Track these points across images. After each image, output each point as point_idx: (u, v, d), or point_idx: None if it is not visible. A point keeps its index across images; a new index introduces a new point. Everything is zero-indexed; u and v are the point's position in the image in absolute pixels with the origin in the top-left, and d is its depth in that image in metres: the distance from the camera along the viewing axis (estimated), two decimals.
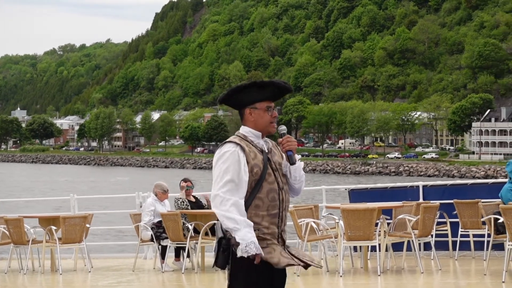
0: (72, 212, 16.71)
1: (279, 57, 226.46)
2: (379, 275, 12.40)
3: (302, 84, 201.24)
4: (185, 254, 13.99)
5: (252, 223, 5.42)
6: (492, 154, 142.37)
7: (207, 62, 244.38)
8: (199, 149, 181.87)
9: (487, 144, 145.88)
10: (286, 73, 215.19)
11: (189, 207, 14.23)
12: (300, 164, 5.69)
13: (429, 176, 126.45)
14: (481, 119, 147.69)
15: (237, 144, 5.52)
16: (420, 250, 13.78)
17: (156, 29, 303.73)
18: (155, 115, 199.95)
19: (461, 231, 14.23)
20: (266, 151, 5.62)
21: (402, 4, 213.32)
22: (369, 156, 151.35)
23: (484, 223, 13.34)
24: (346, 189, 16.66)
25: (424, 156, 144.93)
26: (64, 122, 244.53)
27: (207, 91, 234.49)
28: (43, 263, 14.51)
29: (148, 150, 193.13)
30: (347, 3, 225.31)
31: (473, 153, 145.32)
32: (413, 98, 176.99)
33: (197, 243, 13.83)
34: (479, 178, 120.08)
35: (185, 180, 14.50)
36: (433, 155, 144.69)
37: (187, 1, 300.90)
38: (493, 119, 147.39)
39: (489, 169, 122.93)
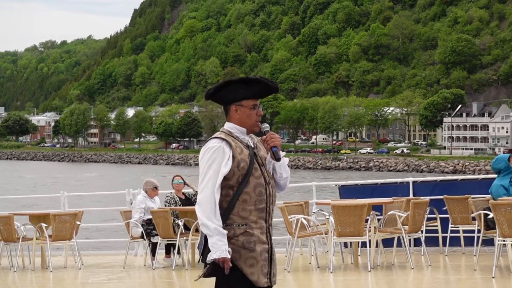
0: (62, 209, 16.61)
1: (255, 53, 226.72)
2: (370, 271, 12.39)
3: (277, 80, 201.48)
4: (176, 251, 13.99)
5: (225, 232, 5.37)
6: (463, 149, 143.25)
7: (184, 58, 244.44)
8: (174, 145, 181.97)
9: (458, 139, 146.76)
10: (262, 69, 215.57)
11: (178, 204, 14.20)
12: (284, 160, 5.65)
13: (398, 171, 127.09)
14: (452, 114, 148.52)
15: (223, 139, 5.47)
16: (410, 246, 13.71)
17: (135, 25, 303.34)
18: (131, 112, 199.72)
19: (451, 227, 14.16)
20: (252, 146, 5.59)
21: (378, 0, 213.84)
22: (341, 151, 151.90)
23: (474, 218, 13.32)
24: (336, 185, 16.62)
25: (395, 151, 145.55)
26: (41, 119, 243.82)
27: (184, 87, 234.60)
28: (33, 261, 14.47)
29: (123, 146, 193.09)
30: None
31: (444, 148, 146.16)
32: (387, 93, 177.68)
33: (187, 239, 13.78)
34: (447, 173, 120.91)
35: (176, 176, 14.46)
36: (404, 150, 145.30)
37: None
38: (464, 114, 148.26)
39: (458, 164, 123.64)
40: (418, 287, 11.90)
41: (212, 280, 5.44)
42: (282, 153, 5.61)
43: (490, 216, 12.08)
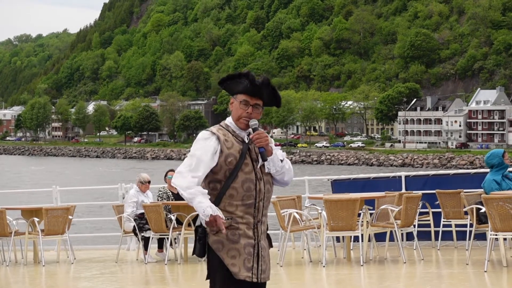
0: (55, 203, 16.53)
1: (220, 47, 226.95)
2: (362, 265, 12.43)
3: None
4: (168, 245, 13.94)
5: (206, 191, 5.43)
6: (416, 142, 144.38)
7: (150, 52, 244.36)
8: (136, 139, 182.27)
9: (412, 132, 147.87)
10: (226, 63, 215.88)
11: (171, 198, 14.21)
12: (273, 157, 5.62)
13: (349, 164, 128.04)
14: (407, 108, 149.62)
15: (213, 133, 5.55)
16: (402, 240, 13.72)
17: (104, 19, 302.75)
18: (93, 106, 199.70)
19: (444, 221, 14.17)
20: (247, 141, 5.59)
21: None
22: (298, 145, 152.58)
23: (466, 213, 13.33)
24: (328, 180, 16.56)
25: (351, 145, 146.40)
26: (7, 113, 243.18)
27: (149, 81, 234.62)
28: (25, 255, 14.44)
29: (86, 140, 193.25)
30: None
31: (399, 141, 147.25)
32: (347, 87, 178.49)
33: (180, 234, 13.76)
34: (396, 166, 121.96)
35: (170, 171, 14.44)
36: (360, 144, 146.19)
37: None
38: (418, 108, 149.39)
39: (407, 158, 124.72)
40: (410, 281, 11.84)
41: (202, 267, 5.41)
42: (277, 148, 5.65)
43: (482, 211, 12.09)
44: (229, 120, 5.66)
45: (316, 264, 12.94)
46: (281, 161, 5.70)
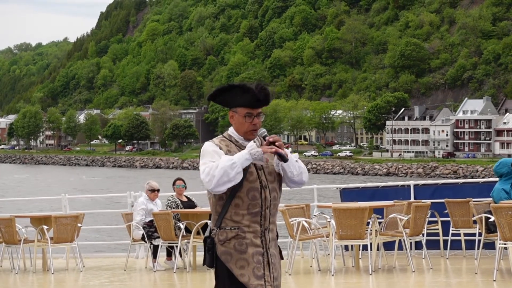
0: (64, 211, 16.57)
1: (213, 56, 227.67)
2: (371, 274, 12.41)
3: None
4: (177, 253, 14.02)
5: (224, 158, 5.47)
6: (404, 152, 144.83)
7: (145, 61, 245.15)
8: (128, 147, 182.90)
9: (400, 142, 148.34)
10: (219, 72, 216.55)
11: (180, 207, 14.20)
12: (291, 159, 5.64)
13: (334, 173, 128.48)
14: (395, 118, 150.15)
15: (216, 145, 5.58)
16: (411, 249, 13.78)
17: (100, 28, 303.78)
18: (84, 115, 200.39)
19: (452, 230, 14.20)
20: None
21: (334, 4, 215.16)
22: None
23: (475, 222, 13.34)
24: (337, 188, 16.59)
25: (339, 154, 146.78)
26: (2, 121, 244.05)
27: (143, 90, 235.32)
28: (34, 263, 14.38)
29: (78, 148, 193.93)
30: (282, 3, 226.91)
31: (387, 151, 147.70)
32: (338, 97, 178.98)
33: (188, 242, 13.79)
34: (381, 175, 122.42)
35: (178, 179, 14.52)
36: (348, 153, 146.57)
37: (131, 1, 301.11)
38: (406, 118, 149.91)
39: (391, 167, 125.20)
40: None
41: (210, 276, 5.62)
42: (288, 151, 5.63)
43: (491, 220, 12.13)
44: (231, 131, 5.69)
45: (324, 272, 12.97)
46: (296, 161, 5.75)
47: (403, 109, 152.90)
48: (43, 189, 79.62)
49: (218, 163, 5.44)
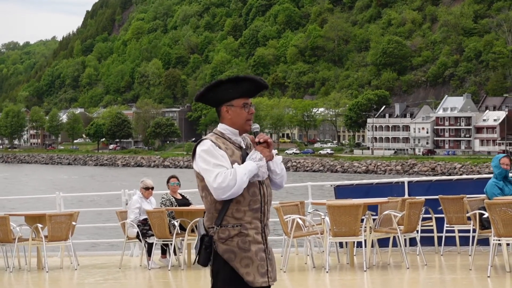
0: (58, 210, 16.51)
1: (197, 55, 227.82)
2: (365, 271, 12.41)
3: None
4: (171, 251, 13.99)
5: (236, 166, 5.47)
6: (385, 149, 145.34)
7: (130, 60, 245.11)
8: (111, 146, 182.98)
9: (381, 139, 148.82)
10: (203, 70, 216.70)
11: (174, 204, 14.18)
12: (277, 159, 5.71)
13: (314, 171, 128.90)
14: (376, 115, 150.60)
15: (214, 142, 5.53)
16: (405, 245, 13.77)
17: (86, 26, 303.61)
18: (65, 114, 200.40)
19: (447, 227, 14.16)
20: (244, 147, 5.63)
21: (318, 2, 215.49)
22: None
23: (469, 218, 13.30)
24: (331, 185, 16.51)
25: (320, 151, 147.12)
26: None
27: (127, 89, 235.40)
28: (29, 261, 14.37)
29: (62, 147, 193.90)
30: (266, 1, 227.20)
31: (368, 148, 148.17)
32: (320, 94, 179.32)
33: (183, 240, 13.80)
34: (360, 173, 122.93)
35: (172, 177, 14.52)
36: (329, 150, 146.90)
37: None
38: (387, 115, 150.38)
39: (370, 164, 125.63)
40: (413, 287, 11.91)
41: (205, 273, 5.54)
42: (274, 151, 5.67)
43: (485, 216, 12.13)
44: (222, 127, 5.66)
45: (319, 269, 12.95)
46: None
47: (384, 106, 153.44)
48: (19, 188, 79.65)
49: (234, 174, 5.43)
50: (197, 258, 5.61)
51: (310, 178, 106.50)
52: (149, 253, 14.12)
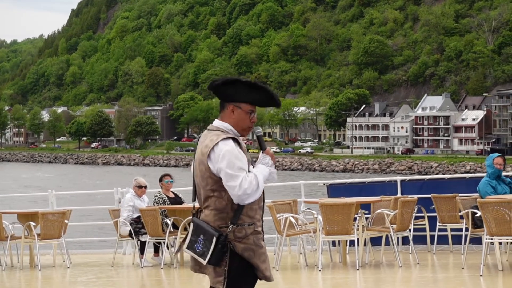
0: (51, 208, 16.39)
1: (181, 53, 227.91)
2: (358, 270, 12.40)
3: (199, 80, 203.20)
4: (164, 250, 14.01)
5: (252, 171, 5.49)
6: (364, 148, 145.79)
7: (114, 58, 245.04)
8: (94, 144, 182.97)
9: (361, 138, 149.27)
10: (186, 69, 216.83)
11: (167, 203, 14.17)
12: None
13: (292, 170, 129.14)
14: (356, 114, 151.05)
15: (235, 139, 5.50)
16: (398, 244, 13.67)
17: (71, 25, 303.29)
18: (45, 113, 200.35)
19: (439, 225, 14.13)
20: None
21: (301, 1, 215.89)
22: (249, 151, 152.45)
23: (461, 217, 13.29)
24: (324, 184, 16.43)
25: (300, 150, 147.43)
26: None
27: (111, 87, 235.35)
28: (21, 259, 14.31)
29: (44, 145, 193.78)
30: (249, 0, 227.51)
31: (348, 147, 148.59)
32: (302, 93, 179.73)
33: (176, 238, 13.72)
34: (337, 171, 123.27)
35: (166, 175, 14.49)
36: (309, 149, 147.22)
37: None
38: (367, 114, 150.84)
39: (348, 163, 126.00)
40: (406, 286, 11.88)
41: (199, 277, 5.37)
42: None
43: (477, 215, 12.13)
44: (226, 126, 5.59)
45: (312, 268, 12.92)
46: None
47: (364, 106, 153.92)
48: None
49: (257, 181, 5.46)
50: (208, 258, 5.56)
51: (290, 177, 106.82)
52: (141, 251, 14.13)
